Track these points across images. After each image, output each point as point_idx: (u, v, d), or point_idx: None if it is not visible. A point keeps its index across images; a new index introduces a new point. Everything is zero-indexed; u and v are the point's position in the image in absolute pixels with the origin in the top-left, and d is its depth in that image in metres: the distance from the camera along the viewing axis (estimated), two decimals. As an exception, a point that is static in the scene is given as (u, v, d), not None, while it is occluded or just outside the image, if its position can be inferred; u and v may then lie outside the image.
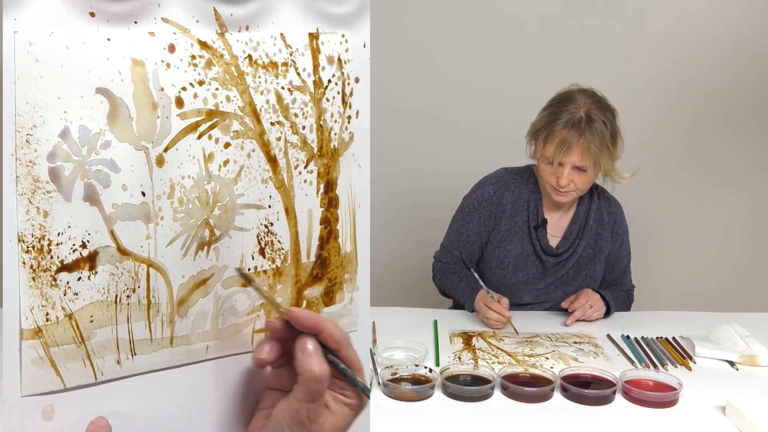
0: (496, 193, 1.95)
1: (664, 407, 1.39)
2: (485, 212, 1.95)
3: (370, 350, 1.58)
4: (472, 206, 1.99)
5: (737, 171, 2.85)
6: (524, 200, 1.94)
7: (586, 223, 1.96)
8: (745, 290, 2.92)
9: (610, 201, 2.01)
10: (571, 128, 1.77)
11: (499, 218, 1.94)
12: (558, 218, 1.97)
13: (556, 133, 1.78)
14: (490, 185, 1.97)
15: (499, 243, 1.94)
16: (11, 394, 0.55)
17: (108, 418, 0.59)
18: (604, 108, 1.82)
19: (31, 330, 0.55)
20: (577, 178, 1.81)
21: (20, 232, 0.54)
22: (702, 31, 2.72)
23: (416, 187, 2.87)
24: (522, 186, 1.96)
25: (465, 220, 1.98)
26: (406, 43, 2.71)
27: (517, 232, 1.93)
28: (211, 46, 0.62)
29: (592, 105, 1.80)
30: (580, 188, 1.83)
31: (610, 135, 1.79)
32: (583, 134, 1.76)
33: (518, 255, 1.93)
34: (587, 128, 1.76)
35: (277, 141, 0.67)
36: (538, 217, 1.93)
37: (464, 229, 1.98)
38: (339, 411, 0.59)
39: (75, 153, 0.56)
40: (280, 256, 0.68)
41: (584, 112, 1.78)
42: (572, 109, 1.79)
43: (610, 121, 1.80)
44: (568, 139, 1.76)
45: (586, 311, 1.84)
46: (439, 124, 2.80)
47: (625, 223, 2.03)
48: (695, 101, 2.77)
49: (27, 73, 0.54)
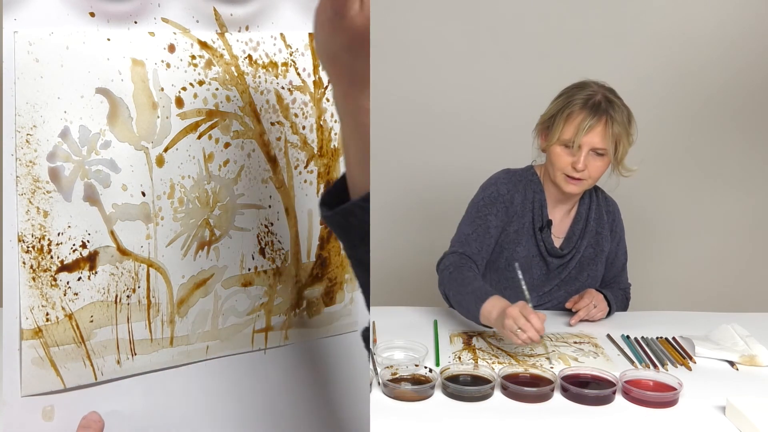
0: (509, 192, 1.91)
1: (664, 407, 1.39)
2: (501, 207, 1.90)
3: (370, 350, 1.58)
4: (488, 199, 1.91)
5: (737, 171, 2.85)
6: (530, 201, 1.93)
7: (587, 223, 1.96)
8: (745, 290, 2.92)
9: (608, 200, 2.02)
10: (592, 108, 1.76)
11: (510, 218, 1.92)
12: (560, 219, 1.97)
13: (576, 113, 1.77)
14: (503, 184, 1.93)
15: (508, 245, 1.92)
16: (11, 394, 0.55)
17: (108, 417, 0.59)
18: (616, 95, 1.83)
19: (31, 330, 0.55)
20: (592, 164, 1.79)
21: (20, 232, 0.54)
22: (702, 31, 2.72)
23: (416, 187, 2.86)
24: (527, 187, 1.94)
25: (482, 212, 1.88)
26: (406, 43, 2.71)
27: (525, 234, 1.92)
28: (211, 46, 0.62)
29: (607, 91, 1.81)
30: (593, 176, 1.81)
31: (627, 117, 1.80)
32: (606, 113, 1.76)
33: (526, 257, 1.92)
34: (609, 108, 1.76)
35: (277, 141, 0.67)
36: (543, 218, 1.92)
37: (482, 221, 1.86)
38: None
39: (75, 153, 0.56)
40: (280, 256, 0.68)
41: (602, 95, 1.78)
42: (589, 92, 1.79)
43: (625, 106, 1.81)
44: (590, 119, 1.75)
45: (590, 311, 1.84)
46: (440, 123, 2.80)
47: (622, 222, 2.03)
48: (695, 101, 2.77)
49: (27, 73, 0.54)
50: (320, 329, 0.72)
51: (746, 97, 2.77)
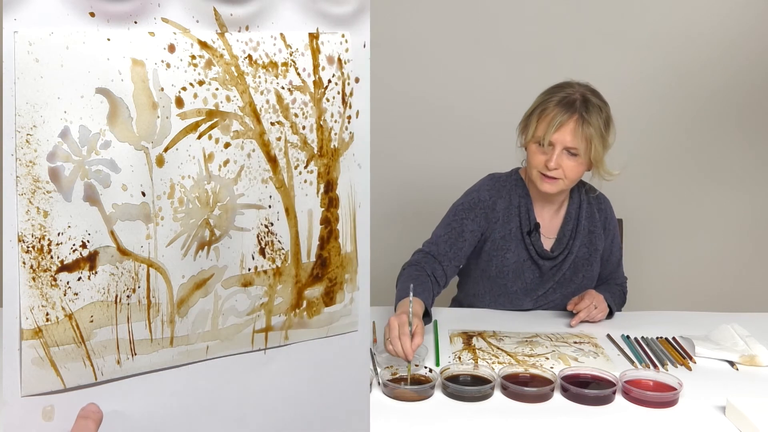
0: (491, 198, 1.91)
1: (664, 407, 1.39)
2: (480, 213, 1.91)
3: (370, 350, 1.58)
4: (467, 205, 1.93)
5: (737, 171, 2.85)
6: (515, 206, 1.92)
7: (578, 222, 1.95)
8: (745, 290, 2.92)
9: (599, 197, 2.00)
10: (565, 106, 1.76)
11: (492, 224, 1.91)
12: (549, 219, 1.95)
13: (549, 110, 1.77)
14: (485, 190, 1.94)
15: (497, 251, 1.92)
16: (11, 394, 0.55)
17: (108, 418, 0.59)
18: (598, 96, 1.82)
19: (31, 330, 0.55)
20: (566, 163, 1.78)
21: (20, 232, 0.54)
22: (702, 31, 2.72)
23: (416, 187, 2.86)
24: (512, 191, 1.93)
25: (459, 217, 1.90)
26: (406, 43, 2.71)
27: (513, 239, 1.91)
28: (211, 46, 0.62)
29: (587, 91, 1.81)
30: (568, 176, 1.80)
31: (604, 119, 1.79)
32: (577, 112, 1.75)
33: (516, 262, 1.91)
34: (582, 108, 1.76)
35: (277, 141, 0.67)
36: (530, 222, 1.91)
37: (457, 225, 1.90)
38: None
39: (75, 153, 0.56)
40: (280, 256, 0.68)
41: (580, 94, 1.78)
42: (568, 91, 1.79)
43: (604, 108, 1.80)
44: (560, 115, 1.75)
45: (590, 312, 1.84)
46: (440, 123, 2.80)
47: (614, 218, 2.02)
48: (695, 101, 2.77)
49: (27, 73, 0.54)
50: (320, 329, 0.72)
51: (746, 97, 2.77)
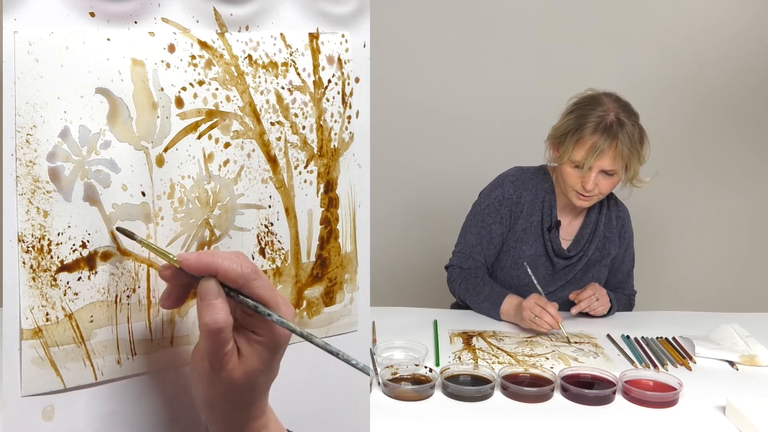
0: (516, 192, 1.92)
1: (664, 407, 1.39)
2: (506, 211, 1.92)
3: (370, 350, 1.58)
4: (492, 206, 1.93)
5: (737, 171, 2.85)
6: (539, 200, 1.93)
7: (596, 227, 1.96)
8: (745, 290, 2.92)
9: (619, 205, 2.01)
10: (603, 132, 1.73)
11: (517, 217, 1.92)
12: (570, 221, 1.96)
13: (587, 138, 1.74)
14: (510, 183, 1.94)
15: (515, 243, 1.93)
16: (11, 394, 0.55)
17: (108, 417, 0.59)
18: (630, 112, 1.80)
19: (31, 330, 0.55)
20: (603, 183, 1.79)
21: (20, 232, 0.54)
22: (702, 30, 2.72)
23: (416, 187, 2.86)
24: (538, 186, 1.94)
25: (486, 221, 1.92)
26: (406, 43, 2.71)
27: (533, 233, 1.92)
28: (211, 46, 0.62)
29: (620, 109, 1.78)
30: (603, 192, 1.82)
31: (638, 137, 1.77)
32: (616, 138, 1.73)
33: (532, 255, 1.92)
34: (620, 131, 1.74)
35: (277, 141, 0.67)
36: (551, 219, 1.92)
37: (486, 232, 1.92)
38: (251, 353, 0.54)
39: (75, 153, 0.56)
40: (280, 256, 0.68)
41: (614, 116, 1.75)
42: (601, 113, 1.76)
43: (637, 124, 1.79)
44: (600, 143, 1.73)
45: (591, 303, 1.84)
46: (439, 123, 2.80)
47: (631, 228, 2.03)
48: (695, 101, 2.77)
49: (27, 73, 0.54)
50: (320, 329, 0.72)
51: (746, 97, 2.77)
